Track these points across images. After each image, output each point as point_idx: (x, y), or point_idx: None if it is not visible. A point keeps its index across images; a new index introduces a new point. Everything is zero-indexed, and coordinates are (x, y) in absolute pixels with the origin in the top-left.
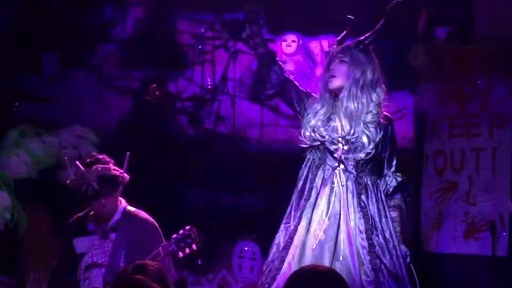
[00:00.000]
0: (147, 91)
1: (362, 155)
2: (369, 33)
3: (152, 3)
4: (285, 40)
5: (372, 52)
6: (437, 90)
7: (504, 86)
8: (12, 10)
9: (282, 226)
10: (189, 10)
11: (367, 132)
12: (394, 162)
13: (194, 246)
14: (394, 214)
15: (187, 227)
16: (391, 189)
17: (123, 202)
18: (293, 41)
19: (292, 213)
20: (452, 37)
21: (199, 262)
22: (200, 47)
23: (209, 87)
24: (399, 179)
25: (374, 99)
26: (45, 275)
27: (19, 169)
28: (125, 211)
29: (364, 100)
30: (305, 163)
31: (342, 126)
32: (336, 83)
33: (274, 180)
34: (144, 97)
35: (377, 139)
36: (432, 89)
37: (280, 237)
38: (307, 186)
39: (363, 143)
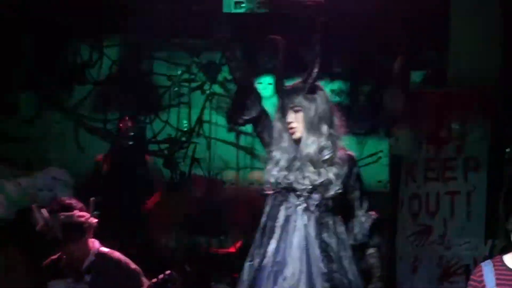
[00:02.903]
0: (120, 123)
1: (331, 192)
2: (313, 71)
3: (129, 45)
4: (261, 83)
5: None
6: (413, 134)
7: (480, 129)
8: None
9: (246, 264)
10: (165, 52)
11: (331, 170)
12: (366, 203)
13: None
14: (374, 253)
15: (167, 272)
16: (368, 229)
17: (96, 243)
18: (269, 84)
19: (255, 251)
20: (428, 80)
21: None
22: (176, 89)
23: (185, 129)
24: (375, 218)
25: (325, 132)
26: None
27: None
28: (98, 253)
29: (320, 138)
30: (267, 200)
31: (306, 169)
32: (298, 134)
33: (249, 223)
34: (119, 137)
35: (344, 176)
36: (407, 132)
37: (244, 275)
38: (269, 224)
39: (329, 181)
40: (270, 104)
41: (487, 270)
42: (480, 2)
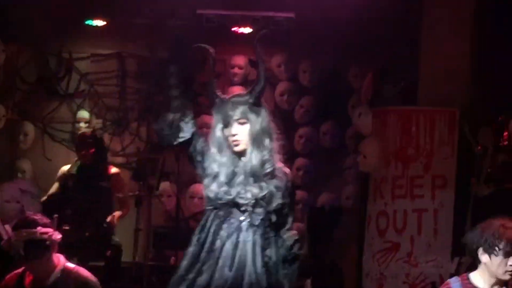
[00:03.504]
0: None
1: (273, 205)
2: (259, 84)
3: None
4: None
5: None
6: (381, 151)
7: (447, 148)
8: None
9: (178, 278)
10: (136, 65)
11: (273, 183)
12: (291, 221)
13: None
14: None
15: None
16: (289, 247)
17: (61, 259)
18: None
19: (187, 265)
20: (397, 98)
21: None
22: (146, 103)
23: (154, 142)
24: (297, 238)
25: (267, 146)
26: None
27: None
28: (64, 269)
29: (263, 152)
30: (206, 216)
31: (247, 183)
32: (242, 147)
33: None
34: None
35: (284, 189)
36: (376, 149)
37: None
38: (209, 239)
39: (272, 194)
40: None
41: (455, 287)
42: (452, 23)
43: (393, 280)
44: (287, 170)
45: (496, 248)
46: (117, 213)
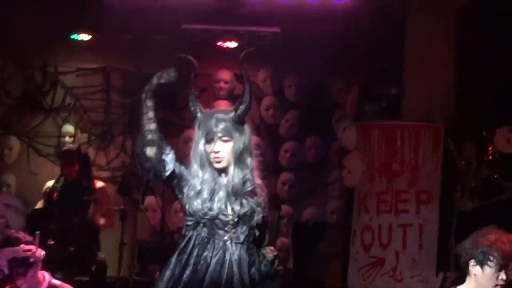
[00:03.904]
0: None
1: (255, 220)
2: (244, 102)
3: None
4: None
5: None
6: (366, 166)
7: (432, 163)
8: None
9: None
10: (122, 80)
11: (253, 199)
12: (268, 235)
13: None
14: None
15: None
16: (269, 262)
17: (46, 276)
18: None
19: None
20: (381, 113)
21: None
22: (131, 117)
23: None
24: (275, 254)
25: (249, 164)
26: None
27: None
28: (49, 286)
29: (244, 171)
30: (188, 238)
31: (228, 201)
32: (223, 164)
33: None
34: (70, 165)
35: (263, 205)
36: (360, 164)
37: None
38: (192, 260)
39: (253, 211)
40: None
41: None
42: (436, 39)
43: None
44: (263, 186)
45: (491, 260)
46: (101, 220)
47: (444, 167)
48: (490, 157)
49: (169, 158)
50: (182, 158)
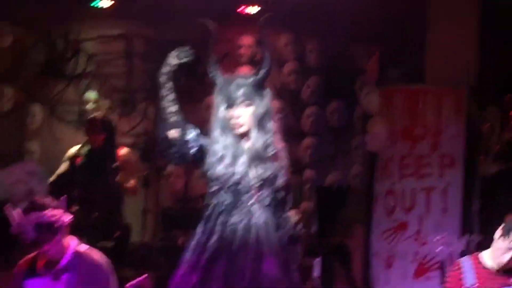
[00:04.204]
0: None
1: (278, 184)
2: (264, 67)
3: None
4: None
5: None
6: (388, 130)
7: (455, 127)
8: None
9: (185, 269)
10: (143, 46)
11: (274, 163)
12: (291, 199)
13: None
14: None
15: (144, 276)
16: (292, 225)
17: (73, 241)
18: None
19: (192, 258)
20: (404, 77)
21: None
22: (153, 83)
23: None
24: (298, 216)
25: (270, 129)
26: None
27: None
28: (76, 251)
29: (266, 135)
30: (213, 206)
31: (251, 166)
32: (244, 129)
33: None
34: (95, 134)
35: (285, 168)
36: (383, 129)
37: (189, 277)
38: (219, 228)
39: (275, 175)
40: None
41: (467, 267)
42: (460, 2)
43: (402, 259)
44: (285, 150)
45: None
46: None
47: (467, 130)
48: None
49: (193, 137)
50: (204, 124)
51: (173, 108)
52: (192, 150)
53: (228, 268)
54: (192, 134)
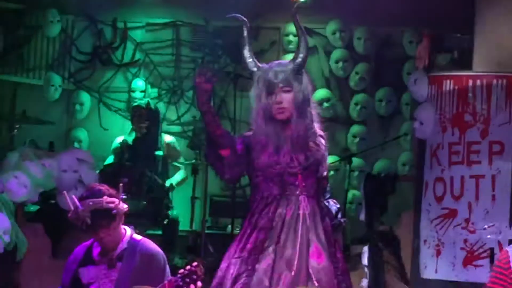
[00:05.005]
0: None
1: (321, 173)
2: (301, 53)
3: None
4: None
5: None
6: (437, 117)
7: (504, 113)
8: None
9: (231, 260)
10: (191, 34)
11: (317, 151)
12: (329, 187)
13: (199, 283)
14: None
15: (194, 264)
16: (333, 213)
17: (128, 230)
18: None
19: (248, 245)
20: (453, 64)
21: None
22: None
23: None
24: (338, 205)
25: (310, 115)
26: None
27: (18, 191)
28: (131, 240)
29: (307, 121)
30: (258, 194)
31: (294, 154)
32: (286, 114)
33: None
34: (140, 121)
35: (326, 156)
36: (432, 116)
37: (233, 270)
38: (266, 217)
39: (318, 163)
40: None
41: None
42: None
43: (451, 246)
44: (325, 137)
45: None
46: (174, 179)
47: None
48: None
49: (240, 149)
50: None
51: (219, 131)
52: (242, 168)
53: (274, 260)
54: (239, 146)
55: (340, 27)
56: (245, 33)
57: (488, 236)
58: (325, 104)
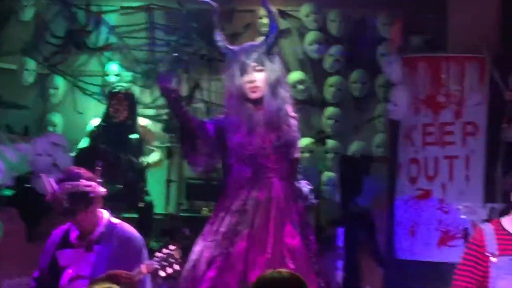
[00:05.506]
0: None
1: (293, 154)
2: (270, 33)
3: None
4: None
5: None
6: (411, 98)
7: (478, 94)
8: None
9: (205, 243)
10: (165, 18)
11: (288, 132)
12: (301, 169)
13: (176, 266)
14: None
15: (171, 247)
16: (305, 195)
17: (106, 214)
18: None
19: (221, 228)
20: (426, 45)
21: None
22: (175, 54)
23: (184, 94)
24: (311, 186)
25: (282, 96)
26: (19, 281)
27: None
28: (108, 224)
29: (279, 101)
30: (231, 177)
31: (267, 134)
32: (259, 93)
33: None
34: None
35: (297, 138)
36: (406, 97)
37: (207, 253)
38: (240, 202)
39: (290, 144)
40: None
41: (488, 233)
42: None
43: (425, 227)
44: (297, 119)
45: None
46: (151, 157)
47: (490, 98)
48: None
49: (212, 132)
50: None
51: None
52: (217, 158)
53: (249, 243)
54: (212, 135)
55: (314, 9)
56: (214, 18)
57: (462, 216)
58: (300, 86)
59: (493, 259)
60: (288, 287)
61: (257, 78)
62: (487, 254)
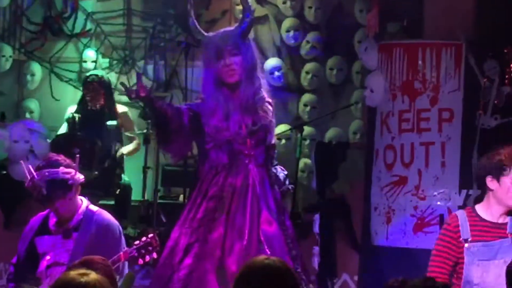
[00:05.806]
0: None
1: (269, 140)
2: (245, 17)
3: None
4: None
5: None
6: (388, 85)
7: (454, 81)
8: None
9: (182, 230)
10: (142, 4)
11: (264, 117)
12: (276, 154)
13: (154, 254)
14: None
15: (150, 235)
16: (281, 180)
17: (84, 201)
18: None
19: (198, 215)
20: (402, 32)
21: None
22: (152, 41)
23: (161, 81)
24: (286, 172)
25: (258, 81)
26: None
27: None
28: (87, 211)
29: (255, 86)
30: (208, 163)
31: (243, 119)
32: (236, 77)
33: None
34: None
35: (273, 123)
36: (382, 84)
37: (183, 240)
38: (216, 186)
39: (266, 130)
40: None
41: (462, 219)
42: None
43: (401, 213)
44: (272, 104)
45: (505, 172)
46: (125, 148)
47: (466, 85)
48: None
49: (187, 118)
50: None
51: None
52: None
53: (226, 229)
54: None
55: None
56: (189, 6)
57: (438, 203)
58: (276, 73)
59: (466, 245)
60: (278, 273)
61: (234, 62)
62: (460, 240)
